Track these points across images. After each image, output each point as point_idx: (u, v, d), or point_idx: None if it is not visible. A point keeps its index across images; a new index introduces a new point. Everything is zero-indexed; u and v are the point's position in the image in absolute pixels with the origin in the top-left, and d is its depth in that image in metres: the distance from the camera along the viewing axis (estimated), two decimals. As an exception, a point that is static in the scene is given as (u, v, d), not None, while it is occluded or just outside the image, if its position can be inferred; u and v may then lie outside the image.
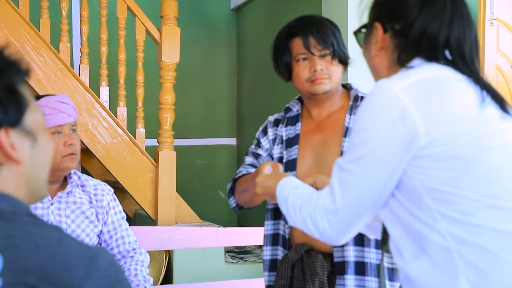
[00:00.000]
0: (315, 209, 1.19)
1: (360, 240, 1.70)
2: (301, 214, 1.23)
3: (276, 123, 1.93)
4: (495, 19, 3.65)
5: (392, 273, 1.71)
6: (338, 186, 1.16)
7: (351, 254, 1.69)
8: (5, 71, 0.83)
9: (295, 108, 1.91)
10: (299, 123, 1.86)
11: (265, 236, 1.87)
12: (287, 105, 1.93)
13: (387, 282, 1.70)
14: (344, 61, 1.80)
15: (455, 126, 1.09)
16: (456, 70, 1.16)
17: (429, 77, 1.13)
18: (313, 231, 1.21)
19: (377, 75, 1.28)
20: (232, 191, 1.93)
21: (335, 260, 1.70)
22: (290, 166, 1.80)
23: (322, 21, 1.81)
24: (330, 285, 1.71)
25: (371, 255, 1.70)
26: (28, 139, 0.86)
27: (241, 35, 5.65)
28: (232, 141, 5.75)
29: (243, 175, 1.89)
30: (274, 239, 1.85)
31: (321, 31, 1.77)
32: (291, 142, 1.84)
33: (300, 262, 1.74)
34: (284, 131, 1.87)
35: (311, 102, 1.85)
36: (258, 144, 1.95)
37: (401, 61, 1.20)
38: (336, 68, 1.78)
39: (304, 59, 1.77)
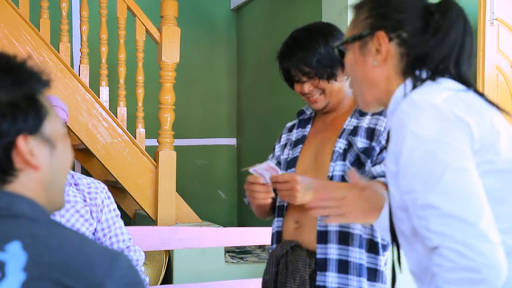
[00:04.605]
0: (459, 268, 0.99)
1: (344, 239, 1.69)
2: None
3: (291, 128, 1.97)
4: (495, 19, 3.65)
5: (373, 274, 1.71)
6: (454, 206, 1.00)
7: (334, 252, 1.69)
8: (26, 80, 0.87)
9: (309, 111, 1.93)
10: (309, 126, 1.89)
11: (272, 234, 1.88)
12: (301, 108, 1.96)
13: (366, 282, 1.70)
14: (332, 77, 1.74)
15: (495, 140, 1.07)
16: (462, 84, 1.15)
17: (458, 91, 1.10)
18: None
19: (371, 87, 1.22)
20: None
21: (317, 256, 1.70)
22: (291, 163, 1.83)
23: (300, 43, 1.76)
24: (313, 283, 1.71)
25: (356, 255, 1.69)
26: (47, 146, 0.89)
27: (241, 35, 5.64)
28: (232, 141, 5.75)
29: None
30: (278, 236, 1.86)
31: (297, 59, 1.74)
32: (297, 142, 1.87)
33: (285, 258, 1.76)
34: (295, 133, 1.91)
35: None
36: (273, 151, 1.98)
37: (411, 70, 1.17)
38: (327, 84, 1.75)
39: (296, 81, 1.80)
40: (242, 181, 5.58)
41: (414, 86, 1.15)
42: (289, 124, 1.99)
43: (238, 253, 4.31)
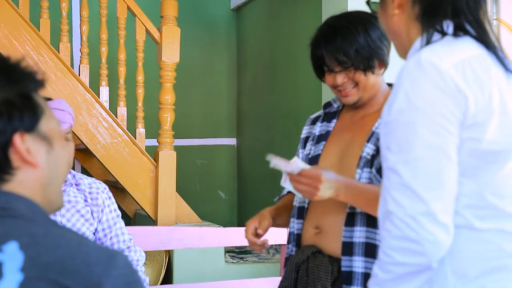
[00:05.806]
0: (397, 236, 1.06)
1: (371, 252, 1.58)
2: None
3: (314, 121, 1.84)
4: (495, 19, 3.65)
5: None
6: (415, 180, 1.05)
7: (359, 265, 1.59)
8: (21, 80, 0.88)
9: (336, 104, 1.81)
10: (334, 120, 1.78)
11: (289, 234, 1.79)
12: (328, 100, 1.84)
13: None
14: (370, 69, 1.64)
15: (487, 119, 1.07)
16: (480, 44, 1.13)
17: (471, 56, 1.09)
18: (409, 259, 1.07)
19: (396, 38, 1.23)
20: None
21: (342, 269, 1.60)
22: (313, 161, 1.72)
23: (338, 30, 1.64)
24: None
25: None
26: (44, 144, 0.90)
27: (241, 35, 5.64)
28: (232, 141, 5.75)
29: (282, 196, 1.89)
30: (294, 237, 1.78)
31: (334, 47, 1.62)
32: (320, 138, 1.77)
33: (305, 265, 1.68)
34: (319, 127, 1.80)
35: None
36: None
37: (425, 18, 1.16)
38: (362, 77, 1.64)
39: (329, 71, 1.69)
40: (242, 181, 5.59)
41: (428, 40, 1.13)
42: (312, 116, 1.86)
43: (238, 253, 4.31)
